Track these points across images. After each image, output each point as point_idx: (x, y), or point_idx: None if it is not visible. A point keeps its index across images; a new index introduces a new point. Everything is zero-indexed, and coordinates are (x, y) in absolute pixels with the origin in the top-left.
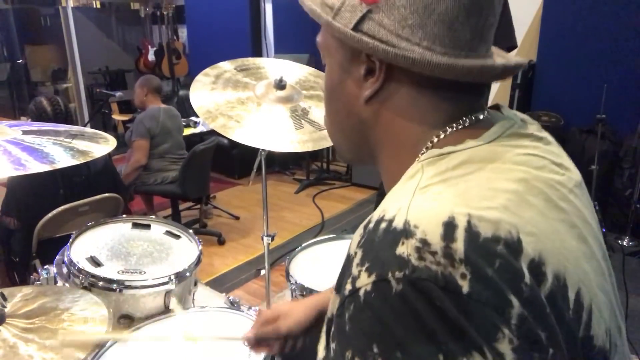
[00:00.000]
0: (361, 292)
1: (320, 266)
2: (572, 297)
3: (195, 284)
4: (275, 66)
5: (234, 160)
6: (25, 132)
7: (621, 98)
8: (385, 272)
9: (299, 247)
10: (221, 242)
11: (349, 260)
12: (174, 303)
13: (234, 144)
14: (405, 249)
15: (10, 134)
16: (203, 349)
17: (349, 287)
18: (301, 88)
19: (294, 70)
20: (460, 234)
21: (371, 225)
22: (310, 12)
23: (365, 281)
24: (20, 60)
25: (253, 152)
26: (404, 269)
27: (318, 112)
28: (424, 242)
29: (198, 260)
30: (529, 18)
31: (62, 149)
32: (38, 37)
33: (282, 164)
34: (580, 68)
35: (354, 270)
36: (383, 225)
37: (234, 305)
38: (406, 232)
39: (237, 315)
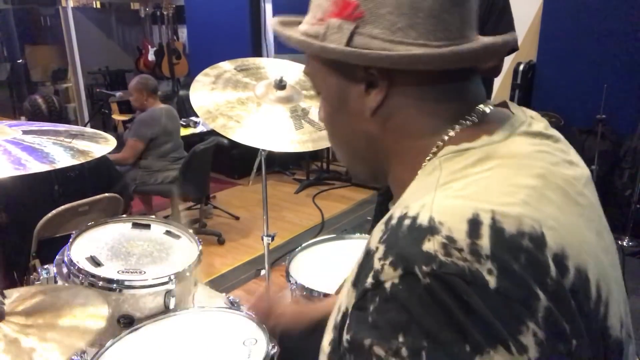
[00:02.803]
0: (387, 285)
1: (320, 266)
2: (593, 290)
3: (195, 284)
4: (275, 66)
5: (234, 160)
6: (25, 132)
7: (621, 98)
8: (412, 266)
9: (299, 247)
10: (221, 242)
11: (369, 255)
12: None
13: (234, 144)
14: (431, 245)
15: (10, 134)
16: (203, 350)
17: (370, 280)
18: (301, 88)
19: (294, 70)
20: (485, 231)
21: (393, 221)
22: (299, 45)
23: (391, 274)
24: (20, 60)
25: (253, 152)
26: (431, 263)
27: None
28: (450, 239)
29: (198, 260)
30: (529, 18)
31: (62, 148)
32: (38, 37)
33: (282, 164)
34: (580, 68)
35: (376, 264)
36: (407, 222)
37: (234, 305)
38: (431, 229)
39: (237, 315)
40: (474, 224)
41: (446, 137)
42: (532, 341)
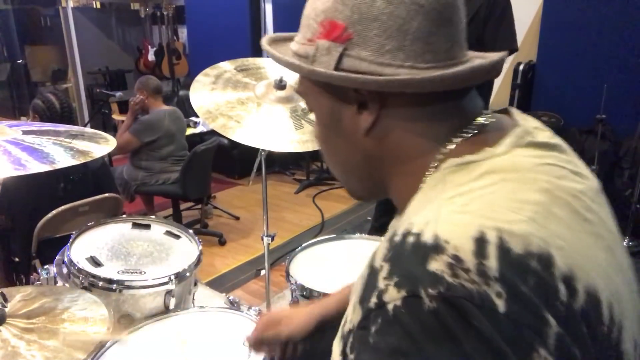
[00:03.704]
0: (390, 307)
1: (320, 266)
2: (605, 313)
3: (195, 284)
4: (275, 66)
5: (234, 161)
6: (25, 132)
7: (621, 98)
8: (416, 288)
9: (299, 247)
10: (222, 243)
11: (373, 273)
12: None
13: (234, 144)
14: (437, 265)
15: (10, 134)
16: (203, 350)
17: (374, 300)
18: None
19: None
20: (492, 251)
21: (397, 238)
22: (289, 67)
23: (394, 296)
24: (20, 61)
25: (253, 152)
26: (438, 286)
27: None
28: (457, 259)
29: (198, 261)
30: (529, 18)
31: (62, 149)
32: (38, 37)
33: (282, 164)
34: (580, 68)
35: (381, 284)
36: (411, 239)
37: (234, 305)
38: (437, 248)
39: (237, 315)
40: (480, 243)
41: (447, 150)
42: None
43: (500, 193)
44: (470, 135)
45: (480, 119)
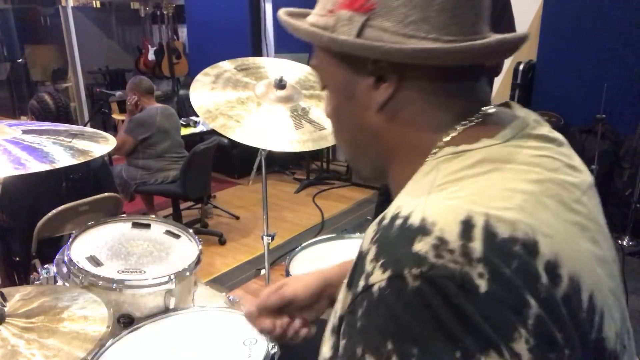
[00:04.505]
0: (375, 289)
1: (320, 266)
2: (585, 300)
3: (195, 284)
4: (275, 66)
5: (234, 160)
6: (25, 132)
7: (621, 98)
8: (400, 269)
9: (299, 247)
10: (222, 243)
11: (361, 256)
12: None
13: (234, 144)
14: (422, 246)
15: (10, 134)
16: (203, 349)
17: (362, 283)
18: (301, 88)
19: (294, 70)
20: (478, 234)
21: (385, 221)
22: (307, 36)
23: (379, 277)
24: (20, 60)
25: (253, 151)
26: (421, 266)
27: (318, 111)
28: (441, 240)
29: (198, 260)
30: (529, 18)
31: (62, 148)
32: (38, 37)
33: (282, 163)
34: (580, 68)
35: (367, 267)
36: (398, 221)
37: (234, 305)
38: (423, 230)
39: (237, 315)
40: (467, 226)
41: (447, 138)
42: (525, 348)
43: (491, 181)
44: (474, 123)
45: (487, 109)
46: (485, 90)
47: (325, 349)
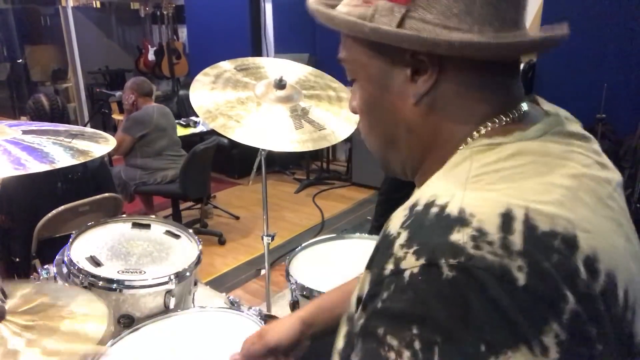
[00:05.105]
0: (406, 274)
1: (320, 266)
2: (621, 296)
3: (195, 284)
4: (275, 66)
5: (234, 160)
6: (25, 132)
7: (621, 98)
8: (436, 257)
9: (299, 247)
10: (222, 243)
11: (388, 239)
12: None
13: (234, 144)
14: (460, 236)
15: (10, 134)
16: (203, 350)
17: (390, 266)
18: (301, 88)
19: (294, 70)
20: (518, 227)
21: (419, 207)
22: (345, 25)
23: (412, 263)
24: (20, 60)
25: (253, 152)
26: (458, 256)
27: (318, 111)
28: (481, 232)
29: (198, 260)
30: (529, 18)
31: (62, 148)
32: (38, 37)
33: (282, 163)
34: (580, 68)
35: (398, 251)
36: (434, 209)
37: (234, 305)
38: (462, 220)
39: (237, 315)
40: (507, 219)
41: (483, 131)
42: (553, 342)
43: (528, 175)
44: (509, 119)
45: (524, 105)
46: (519, 86)
47: (339, 338)
